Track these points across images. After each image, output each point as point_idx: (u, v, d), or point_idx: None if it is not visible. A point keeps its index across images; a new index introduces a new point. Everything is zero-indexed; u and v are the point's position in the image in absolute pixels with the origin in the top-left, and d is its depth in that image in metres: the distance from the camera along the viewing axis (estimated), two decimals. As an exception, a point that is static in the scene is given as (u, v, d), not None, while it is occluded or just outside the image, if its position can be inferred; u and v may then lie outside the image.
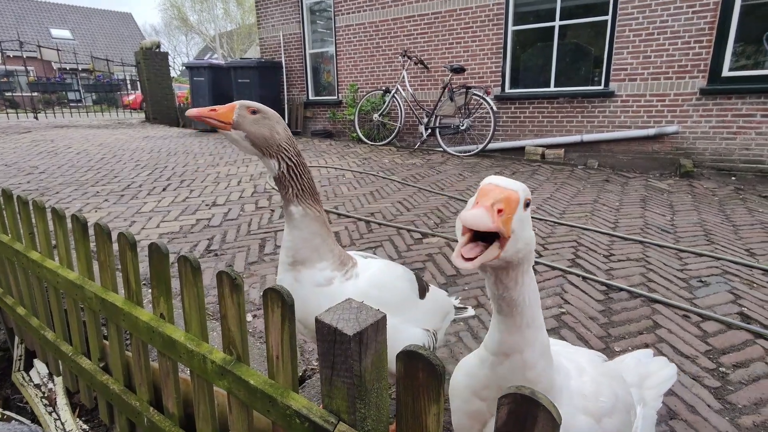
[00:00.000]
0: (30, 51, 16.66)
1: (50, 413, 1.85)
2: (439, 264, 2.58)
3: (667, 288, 2.29)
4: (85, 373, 1.52)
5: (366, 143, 6.97)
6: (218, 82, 8.16)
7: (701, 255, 2.67)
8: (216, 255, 2.71)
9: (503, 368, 0.74)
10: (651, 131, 5.11)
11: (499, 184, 0.63)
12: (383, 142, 6.84)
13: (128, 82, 20.55)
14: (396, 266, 1.26)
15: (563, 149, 5.66)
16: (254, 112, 1.07)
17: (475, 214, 0.58)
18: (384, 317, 0.78)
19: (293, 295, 1.14)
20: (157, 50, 10.01)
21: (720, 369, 1.69)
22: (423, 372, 0.65)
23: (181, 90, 16.99)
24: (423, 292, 1.27)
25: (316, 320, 0.77)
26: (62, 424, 1.78)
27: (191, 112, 1.09)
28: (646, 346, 1.83)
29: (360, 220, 3.32)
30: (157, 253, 1.10)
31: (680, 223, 3.27)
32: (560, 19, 5.58)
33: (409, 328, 1.21)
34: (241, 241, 2.91)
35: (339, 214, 3.45)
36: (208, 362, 1.01)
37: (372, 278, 1.17)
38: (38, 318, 1.77)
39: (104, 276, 1.33)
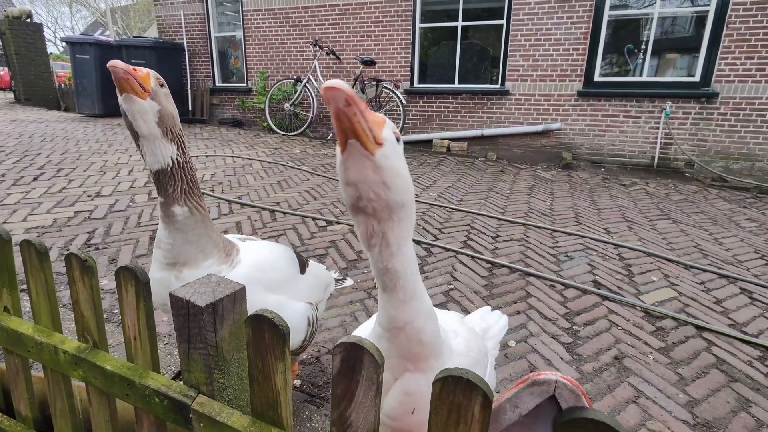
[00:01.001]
0: None
1: None
2: (341, 250, 2.64)
3: (539, 263, 2.60)
4: None
5: (277, 133, 6.78)
6: (107, 61, 7.29)
7: (570, 234, 3.08)
8: (97, 249, 2.47)
9: (400, 339, 0.76)
10: (539, 127, 5.71)
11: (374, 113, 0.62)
12: (295, 133, 6.71)
13: (-7, 56, 17.39)
14: (275, 245, 1.28)
15: (466, 142, 6.08)
16: (162, 85, 1.01)
17: (336, 81, 0.52)
18: (242, 288, 0.80)
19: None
20: (29, 20, 8.64)
21: (573, 328, 1.99)
22: (269, 333, 0.68)
23: (64, 69, 14.83)
24: (303, 267, 1.31)
25: (170, 295, 0.76)
26: None
27: (116, 62, 0.95)
28: (518, 313, 2.08)
29: (264, 209, 3.24)
30: (-5, 238, 0.99)
31: (557, 208, 3.72)
32: (463, 20, 5.94)
33: (293, 304, 1.25)
34: (129, 234, 2.69)
35: (242, 204, 3.33)
36: (60, 353, 0.94)
37: (255, 261, 1.18)
38: None
39: (-67, 270, 1.15)
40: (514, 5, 5.55)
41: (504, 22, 5.67)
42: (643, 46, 5.30)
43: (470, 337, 1.00)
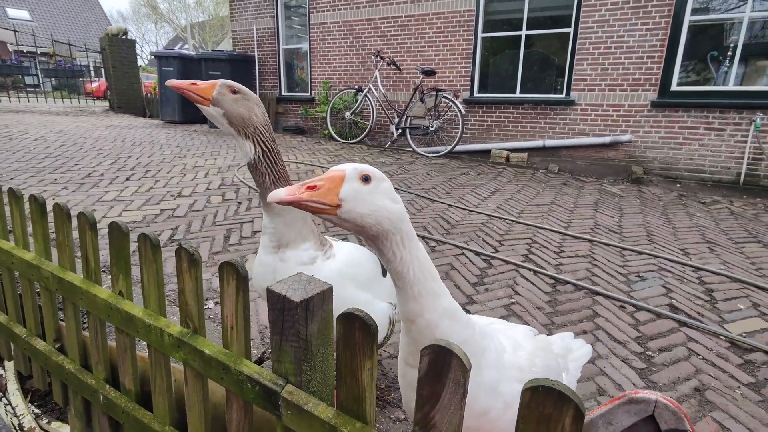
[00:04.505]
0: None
1: (0, 398, 1.81)
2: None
3: (608, 282, 2.48)
4: (39, 355, 1.52)
5: (338, 141, 7.01)
6: (188, 73, 7.98)
7: (641, 253, 2.89)
8: (179, 244, 2.70)
9: (413, 332, 0.83)
10: (607, 139, 5.43)
11: (335, 168, 0.76)
12: (355, 141, 6.90)
13: (92, 68, 19.63)
14: (361, 247, 1.37)
15: (527, 153, 5.91)
16: (235, 92, 1.13)
17: (278, 192, 0.72)
18: (330, 288, 0.86)
19: (277, 275, 1.21)
20: (124, 37, 9.68)
21: (647, 353, 1.87)
22: (359, 331, 0.73)
23: (149, 80, 16.41)
24: (384, 271, 1.38)
25: (267, 290, 0.83)
26: (13, 409, 1.75)
27: (172, 82, 1.12)
28: (585, 333, 1.99)
29: (327, 214, 3.38)
30: (117, 231, 1.14)
31: (627, 225, 3.51)
32: (527, 29, 5.82)
33: (378, 303, 1.33)
34: (206, 232, 2.92)
35: (306, 208, 3.49)
36: (165, 335, 1.06)
37: (347, 258, 1.27)
38: (-11, 301, 1.74)
39: (62, 256, 1.34)
40: (582, 13, 5.35)
41: (571, 30, 5.48)
42: (729, 53, 4.88)
43: (538, 353, 0.99)
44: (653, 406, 0.51)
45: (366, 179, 0.76)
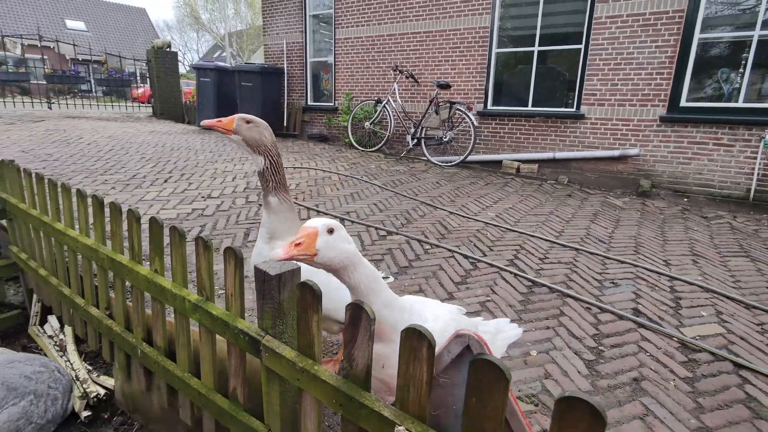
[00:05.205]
0: (46, 41, 17.25)
1: (61, 356, 2.27)
2: (395, 257, 3.01)
3: (582, 286, 2.71)
4: (93, 320, 1.95)
5: (357, 149, 7.42)
6: (223, 83, 8.62)
7: (623, 262, 3.10)
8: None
9: None
10: (616, 152, 5.56)
11: (308, 225, 1.07)
12: (373, 149, 7.28)
13: (138, 75, 21.03)
14: None
15: (537, 164, 6.11)
16: (248, 122, 1.53)
17: (277, 252, 1.04)
18: (298, 269, 1.21)
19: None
20: (168, 50, 10.50)
21: (599, 348, 2.12)
22: (310, 294, 1.08)
23: (188, 86, 17.49)
24: None
25: (254, 267, 1.19)
26: (71, 364, 2.20)
27: (205, 122, 1.54)
28: (547, 328, 2.25)
29: (336, 217, 3.75)
30: (155, 224, 1.54)
31: (618, 236, 3.70)
32: (539, 45, 6.04)
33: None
34: (230, 230, 3.35)
35: (318, 211, 3.88)
36: (186, 302, 1.44)
37: None
38: (57, 278, 2.20)
39: (114, 242, 1.76)
40: (593, 30, 5.53)
41: (582, 46, 5.67)
42: (740, 70, 4.94)
43: (451, 323, 1.30)
44: (468, 339, 0.81)
45: (330, 231, 1.09)
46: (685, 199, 5.12)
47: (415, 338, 0.88)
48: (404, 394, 0.92)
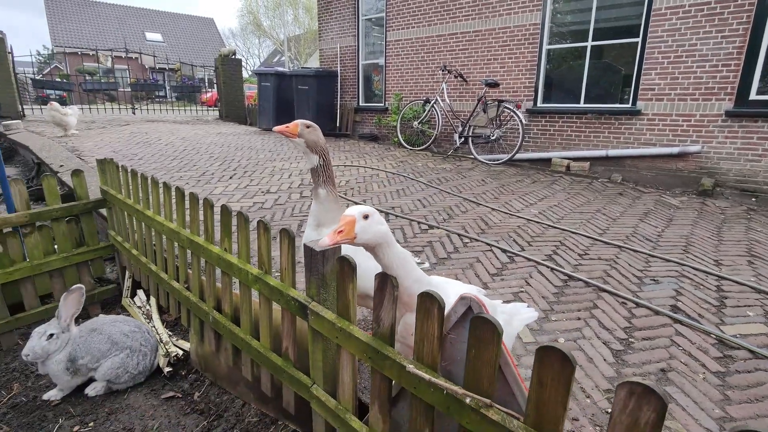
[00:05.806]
0: (132, 53, 19.34)
1: (148, 323, 2.71)
2: (435, 249, 3.19)
3: (620, 282, 2.73)
4: (174, 291, 2.33)
5: (405, 148, 7.63)
6: (281, 87, 9.22)
7: (667, 261, 3.04)
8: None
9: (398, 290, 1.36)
10: (675, 150, 5.29)
11: (347, 213, 1.26)
12: (421, 148, 7.46)
13: (206, 81, 22.74)
14: None
15: (589, 162, 5.95)
16: (308, 126, 1.80)
17: (324, 240, 1.23)
18: (339, 248, 1.45)
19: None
20: (233, 57, 11.36)
21: (629, 339, 2.17)
22: (347, 267, 1.31)
23: (251, 90, 18.67)
24: None
25: (303, 245, 1.45)
26: (156, 329, 2.63)
27: (276, 129, 1.80)
28: (578, 319, 2.33)
29: (381, 212, 3.99)
30: (225, 211, 1.86)
31: (668, 235, 3.59)
32: (593, 40, 5.88)
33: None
34: (285, 221, 3.70)
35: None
36: (249, 275, 1.73)
37: None
38: (146, 257, 2.64)
39: (193, 226, 2.12)
40: (651, 22, 5.30)
41: (639, 39, 5.45)
42: (822, 59, 4.52)
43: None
44: (469, 300, 0.99)
45: (366, 217, 1.27)
46: (753, 199, 4.78)
47: (428, 300, 1.08)
48: (420, 348, 1.12)
